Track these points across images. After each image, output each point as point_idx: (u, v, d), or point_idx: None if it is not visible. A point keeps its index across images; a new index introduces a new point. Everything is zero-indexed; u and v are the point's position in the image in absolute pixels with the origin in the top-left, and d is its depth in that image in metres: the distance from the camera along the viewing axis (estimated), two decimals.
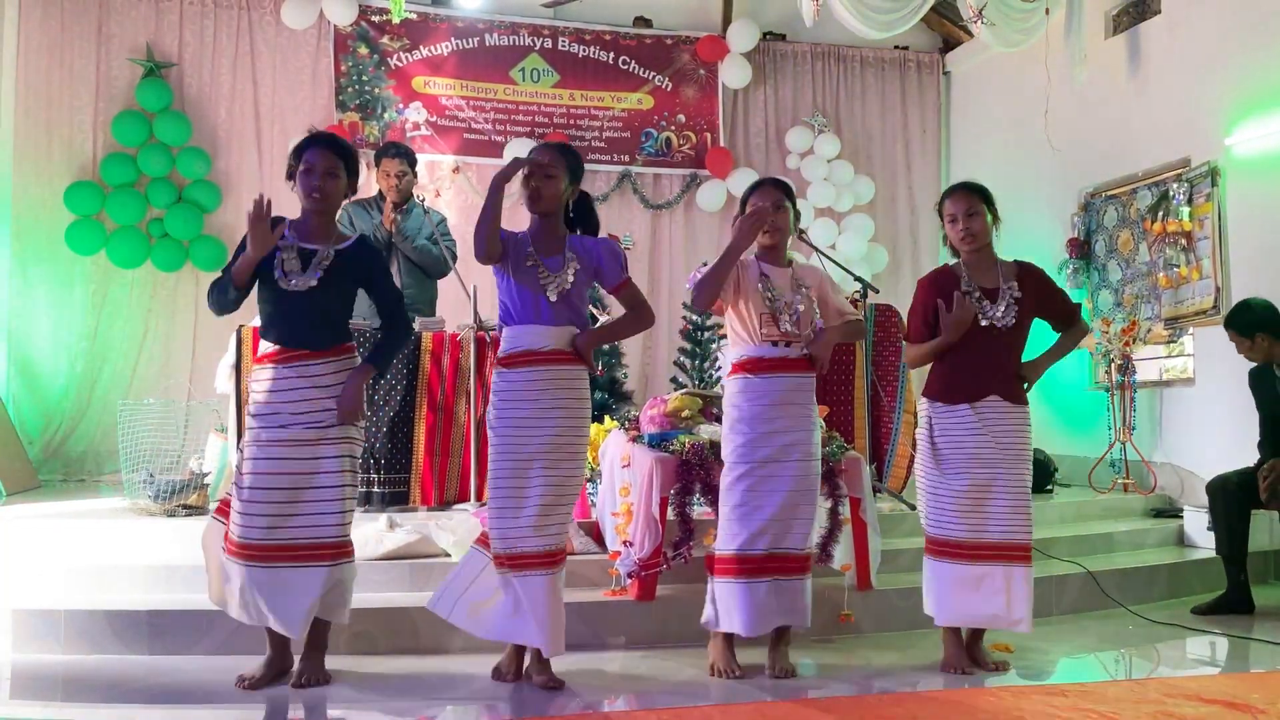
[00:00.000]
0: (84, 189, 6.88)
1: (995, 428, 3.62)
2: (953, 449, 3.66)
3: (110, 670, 3.56)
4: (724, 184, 8.23)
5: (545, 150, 3.48)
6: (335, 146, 3.44)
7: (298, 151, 3.43)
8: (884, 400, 5.48)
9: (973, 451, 3.62)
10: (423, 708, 3.29)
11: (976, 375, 3.64)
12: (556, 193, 3.43)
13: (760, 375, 3.58)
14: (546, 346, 3.35)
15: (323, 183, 3.38)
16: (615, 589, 4.13)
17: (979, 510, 3.61)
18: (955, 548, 3.63)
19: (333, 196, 3.43)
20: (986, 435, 3.62)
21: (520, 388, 3.34)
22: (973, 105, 8.64)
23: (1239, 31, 6.03)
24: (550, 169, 3.41)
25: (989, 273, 3.72)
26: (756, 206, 3.66)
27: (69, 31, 7.07)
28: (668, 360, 7.44)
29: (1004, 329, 3.64)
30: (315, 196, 3.38)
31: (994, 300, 3.66)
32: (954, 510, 3.63)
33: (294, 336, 3.36)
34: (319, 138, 3.47)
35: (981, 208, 3.70)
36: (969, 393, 3.65)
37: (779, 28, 8.57)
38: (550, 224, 3.47)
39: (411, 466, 5.03)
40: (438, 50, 7.84)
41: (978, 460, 3.62)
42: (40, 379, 6.90)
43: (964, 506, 3.62)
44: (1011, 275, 3.71)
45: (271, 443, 3.31)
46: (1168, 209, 6.30)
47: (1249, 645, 4.19)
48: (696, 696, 3.35)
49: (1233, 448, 5.45)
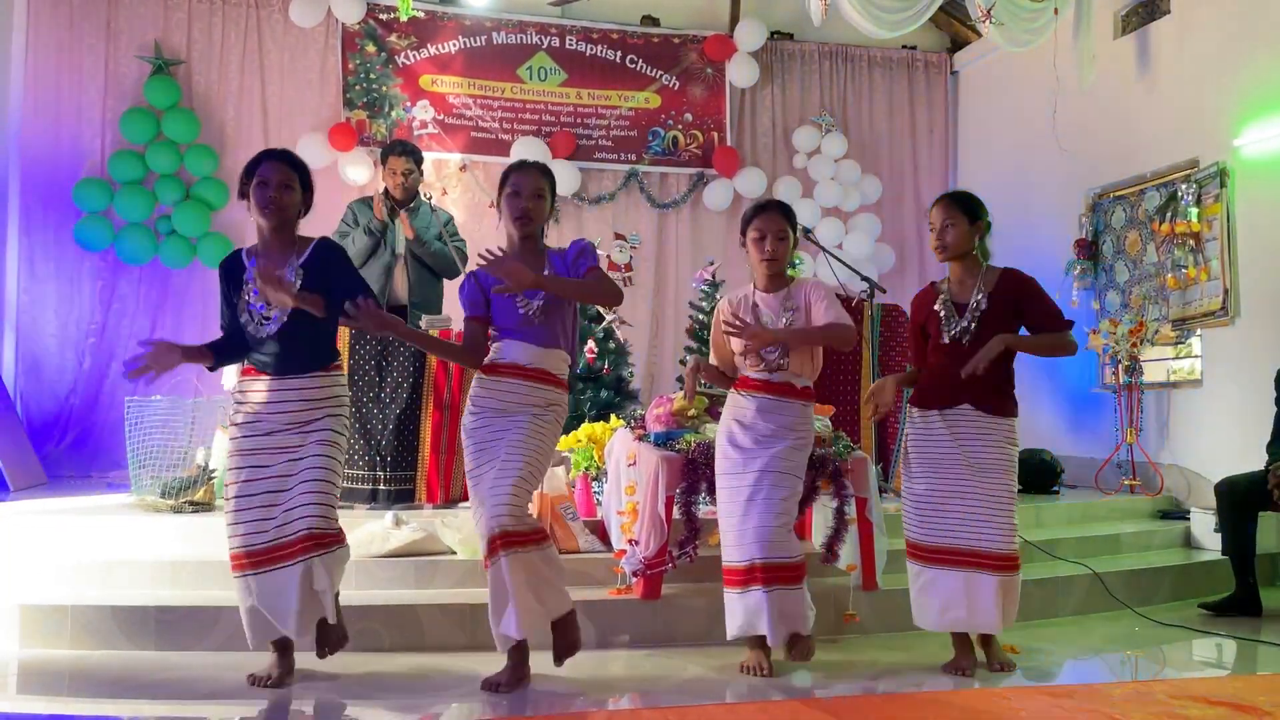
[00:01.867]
0: (92, 185, 6.90)
1: (965, 436, 3.64)
2: (919, 454, 3.73)
3: (117, 665, 3.57)
4: (731, 183, 8.23)
5: (531, 172, 3.46)
6: (289, 160, 3.41)
7: (250, 169, 3.39)
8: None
9: (937, 458, 3.67)
10: (428, 705, 3.29)
11: (948, 384, 3.66)
12: (544, 212, 3.46)
13: (746, 393, 3.68)
14: (532, 364, 3.38)
15: (278, 194, 3.33)
16: (620, 588, 4.13)
17: (939, 515, 3.64)
18: (920, 550, 3.70)
19: (288, 209, 3.37)
20: (954, 443, 3.65)
21: (495, 394, 3.37)
22: (981, 105, 8.62)
23: (1248, 32, 6.01)
24: (540, 189, 3.43)
25: (967, 284, 3.73)
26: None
27: (78, 28, 7.09)
28: (674, 359, 7.46)
29: (968, 345, 3.64)
30: (270, 210, 3.33)
31: (962, 315, 3.69)
32: (915, 514, 3.71)
33: (278, 367, 3.36)
34: (271, 153, 3.43)
35: (960, 218, 3.68)
36: (940, 400, 3.69)
37: (787, 27, 8.56)
38: (531, 244, 3.48)
39: (417, 464, 5.04)
40: (445, 48, 7.85)
41: (942, 467, 3.65)
42: (48, 375, 6.92)
43: (924, 511, 3.68)
44: (989, 286, 3.68)
45: (255, 451, 3.31)
46: (1176, 210, 6.27)
47: (1256, 648, 4.18)
48: (702, 695, 3.35)
49: (1240, 449, 5.44)
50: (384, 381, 5.01)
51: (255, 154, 3.46)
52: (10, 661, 3.63)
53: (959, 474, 3.63)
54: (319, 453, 3.31)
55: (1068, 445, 6.99)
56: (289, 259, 3.36)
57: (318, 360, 3.40)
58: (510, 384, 3.37)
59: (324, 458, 3.32)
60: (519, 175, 3.44)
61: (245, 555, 3.27)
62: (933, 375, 3.74)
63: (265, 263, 3.31)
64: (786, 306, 3.67)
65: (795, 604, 3.54)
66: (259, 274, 3.24)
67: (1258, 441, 4.95)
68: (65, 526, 4.48)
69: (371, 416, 4.99)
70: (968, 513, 3.60)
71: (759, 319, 3.66)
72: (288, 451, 3.32)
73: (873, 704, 3.28)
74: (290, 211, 3.39)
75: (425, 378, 5.06)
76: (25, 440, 6.26)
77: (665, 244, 8.32)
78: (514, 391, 3.37)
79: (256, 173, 3.37)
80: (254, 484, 3.30)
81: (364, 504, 4.94)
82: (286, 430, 3.32)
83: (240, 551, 3.28)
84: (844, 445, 4.25)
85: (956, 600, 3.60)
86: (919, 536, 3.70)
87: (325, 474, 3.31)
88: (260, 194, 3.34)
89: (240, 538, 3.28)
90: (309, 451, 3.31)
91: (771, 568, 3.50)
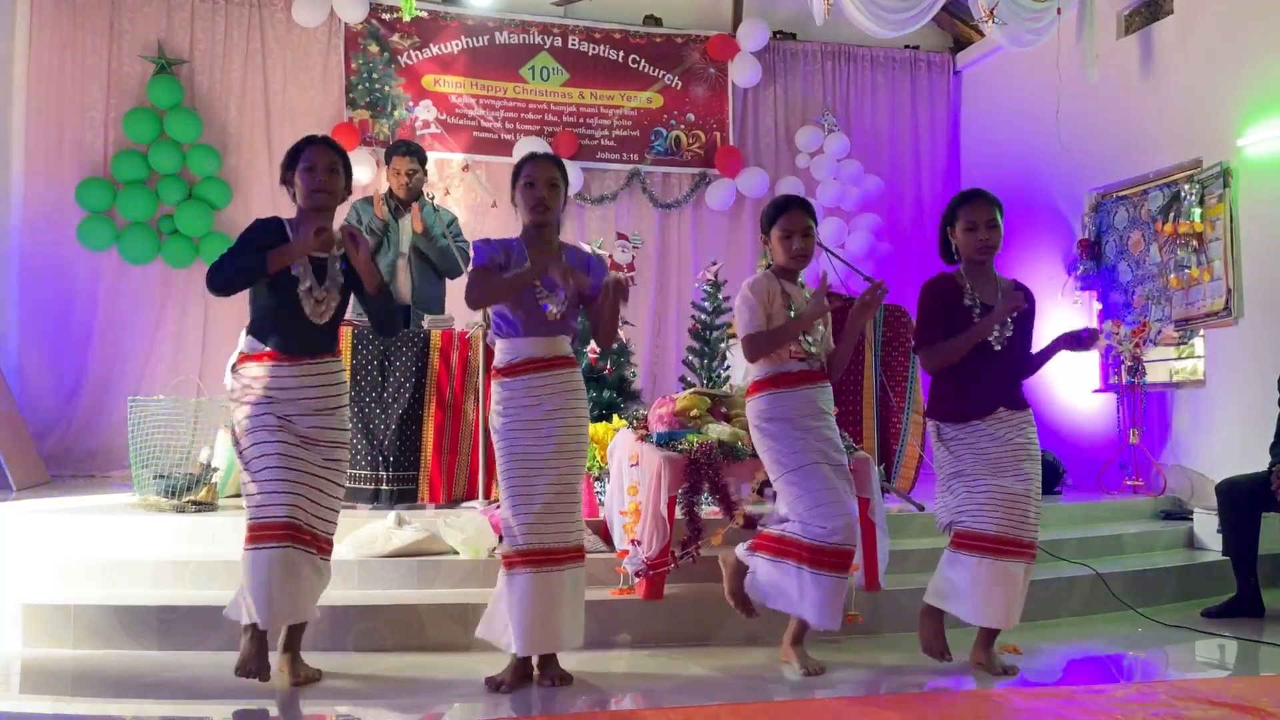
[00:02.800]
0: (95, 185, 6.91)
1: (1010, 435, 3.67)
2: (975, 452, 3.69)
3: (119, 665, 3.58)
4: (733, 183, 8.23)
5: (546, 163, 3.48)
6: (333, 146, 3.47)
7: (295, 152, 3.44)
8: (893, 401, 5.46)
9: (999, 454, 3.66)
10: (430, 705, 3.29)
11: (986, 394, 3.68)
12: (559, 201, 3.47)
13: (786, 389, 3.63)
14: (546, 355, 3.40)
15: (327, 178, 3.39)
16: (623, 588, 4.13)
17: (1019, 507, 3.61)
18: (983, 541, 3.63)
19: (336, 194, 3.44)
20: (1000, 442, 3.66)
21: (522, 393, 3.37)
22: (983, 105, 8.61)
23: (1251, 32, 6.00)
24: (556, 179, 3.44)
25: (989, 286, 3.74)
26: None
27: (80, 28, 7.09)
28: (676, 359, 7.45)
29: (1007, 347, 3.67)
30: (320, 194, 3.38)
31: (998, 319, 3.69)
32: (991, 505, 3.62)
33: (304, 346, 3.38)
34: (314, 138, 3.49)
35: (1000, 220, 3.72)
36: (980, 411, 3.69)
37: (789, 27, 8.55)
38: (548, 234, 3.49)
39: (420, 464, 5.04)
40: (448, 48, 7.85)
41: (1004, 463, 3.65)
42: (51, 374, 6.92)
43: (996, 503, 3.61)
44: (1009, 293, 3.73)
45: (278, 427, 3.29)
46: (1179, 210, 6.27)
47: (1259, 649, 4.17)
48: (704, 695, 3.35)
49: (1243, 450, 5.43)
50: (386, 381, 5.01)
51: (297, 141, 3.49)
52: (13, 661, 3.64)
53: (1021, 470, 3.63)
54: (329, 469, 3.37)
55: (1070, 445, 6.98)
56: (330, 249, 3.42)
57: (331, 341, 3.46)
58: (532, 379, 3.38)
59: (335, 474, 3.40)
60: (532, 166, 3.45)
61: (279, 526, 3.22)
62: (970, 390, 3.69)
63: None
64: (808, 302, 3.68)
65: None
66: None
67: (1260, 442, 4.94)
68: (68, 526, 4.49)
69: (374, 416, 4.99)
70: (1034, 507, 3.62)
71: (795, 309, 3.65)
72: (303, 442, 3.32)
73: (876, 704, 3.28)
74: (337, 196, 3.45)
75: (428, 377, 5.06)
76: (28, 439, 6.27)
77: (667, 244, 8.32)
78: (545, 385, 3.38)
79: (301, 158, 3.40)
80: (283, 458, 3.26)
81: (366, 504, 4.94)
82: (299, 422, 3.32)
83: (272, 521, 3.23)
84: (847, 446, 4.24)
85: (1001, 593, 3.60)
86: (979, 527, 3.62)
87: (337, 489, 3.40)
88: (309, 178, 3.38)
89: (275, 507, 3.22)
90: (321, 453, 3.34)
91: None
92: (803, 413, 3.61)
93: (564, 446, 3.37)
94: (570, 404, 3.41)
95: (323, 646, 3.63)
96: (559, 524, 3.35)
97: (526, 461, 3.34)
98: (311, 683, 3.37)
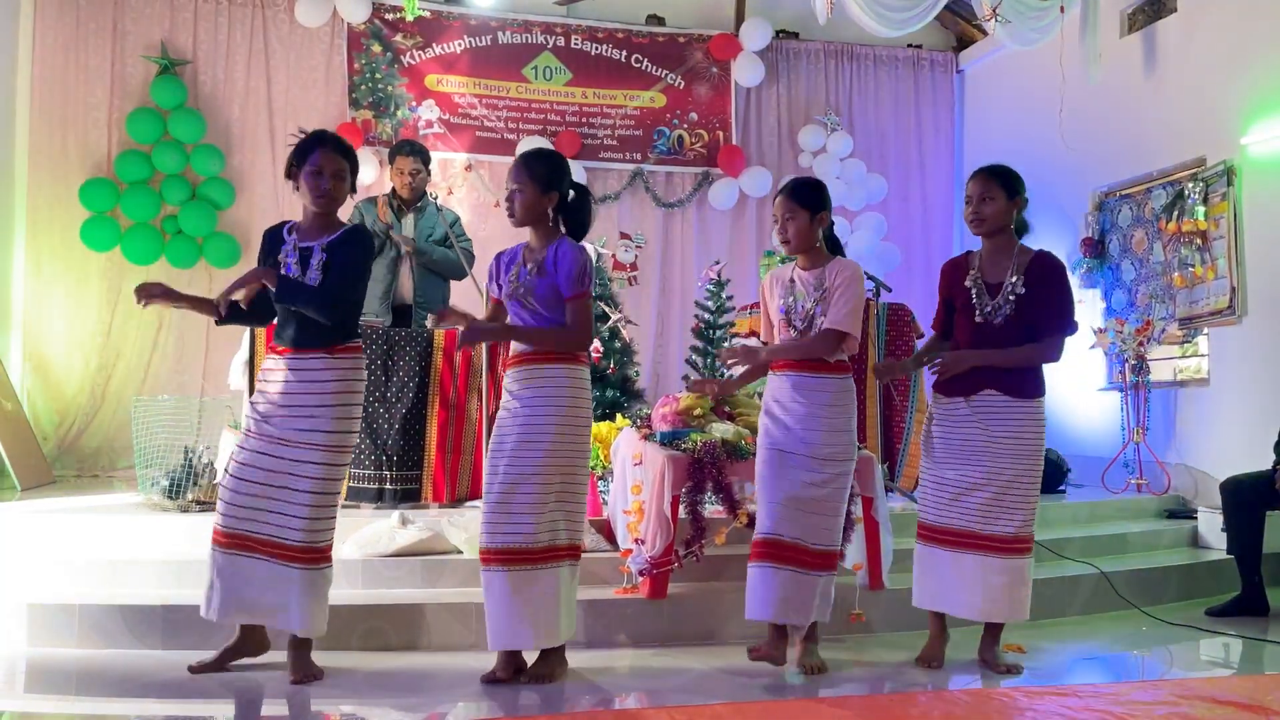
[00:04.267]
0: (99, 186, 6.91)
1: (990, 421, 3.64)
2: (944, 439, 3.73)
3: (123, 664, 3.58)
4: (736, 182, 8.23)
5: (511, 168, 3.49)
6: (341, 149, 3.49)
7: (302, 151, 3.44)
8: (896, 399, 5.47)
9: (961, 443, 3.67)
10: (434, 704, 3.29)
11: (971, 370, 3.66)
12: (528, 204, 3.44)
13: (775, 373, 3.70)
14: (526, 349, 3.45)
15: (332, 186, 3.44)
16: (627, 587, 4.13)
17: (959, 503, 3.65)
18: (938, 533, 3.70)
19: (340, 199, 3.49)
20: (979, 427, 3.64)
21: (508, 386, 3.48)
22: (986, 104, 8.60)
23: (1255, 30, 5.99)
24: (519, 187, 3.43)
25: (1000, 264, 3.70)
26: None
27: (84, 28, 7.10)
28: (680, 358, 7.45)
29: (999, 325, 3.64)
30: (323, 200, 3.44)
31: (994, 295, 3.66)
32: (933, 497, 3.73)
33: (296, 338, 3.41)
34: (324, 139, 3.48)
35: (999, 193, 3.69)
36: (964, 387, 3.68)
37: (792, 26, 8.55)
38: (540, 232, 3.50)
39: (423, 463, 5.04)
40: (451, 48, 7.86)
41: (966, 451, 3.66)
42: (55, 375, 6.93)
43: (947, 495, 3.68)
44: (1022, 269, 3.65)
45: (260, 436, 3.38)
46: (1183, 208, 6.26)
47: (1263, 647, 4.16)
48: (707, 694, 3.35)
49: (1248, 448, 5.42)
50: (390, 381, 5.01)
51: (308, 135, 3.49)
52: (18, 660, 3.64)
53: (984, 459, 3.62)
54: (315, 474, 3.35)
55: (1074, 444, 6.97)
56: (321, 238, 3.46)
57: (337, 334, 3.43)
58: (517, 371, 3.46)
59: (320, 480, 3.36)
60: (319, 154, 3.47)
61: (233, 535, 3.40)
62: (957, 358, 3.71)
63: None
64: (818, 286, 3.64)
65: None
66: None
67: (1265, 440, 4.94)
68: (72, 526, 4.49)
69: (377, 416, 4.99)
70: (989, 499, 3.60)
71: (795, 294, 3.67)
72: (288, 446, 3.35)
73: (879, 703, 3.28)
74: (341, 201, 3.51)
75: (431, 377, 5.06)
76: (33, 439, 6.28)
77: (670, 243, 8.32)
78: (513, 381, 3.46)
79: (309, 159, 3.42)
80: (250, 469, 3.37)
81: (370, 503, 4.94)
82: (292, 425, 3.35)
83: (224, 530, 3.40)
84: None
85: (970, 586, 3.62)
86: (933, 519, 3.72)
87: (317, 495, 3.36)
88: (315, 182, 3.42)
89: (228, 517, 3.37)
90: (311, 457, 3.34)
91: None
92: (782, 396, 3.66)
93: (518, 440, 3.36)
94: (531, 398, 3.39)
95: (326, 645, 3.63)
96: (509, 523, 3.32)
97: (490, 458, 3.43)
98: (314, 681, 3.37)
